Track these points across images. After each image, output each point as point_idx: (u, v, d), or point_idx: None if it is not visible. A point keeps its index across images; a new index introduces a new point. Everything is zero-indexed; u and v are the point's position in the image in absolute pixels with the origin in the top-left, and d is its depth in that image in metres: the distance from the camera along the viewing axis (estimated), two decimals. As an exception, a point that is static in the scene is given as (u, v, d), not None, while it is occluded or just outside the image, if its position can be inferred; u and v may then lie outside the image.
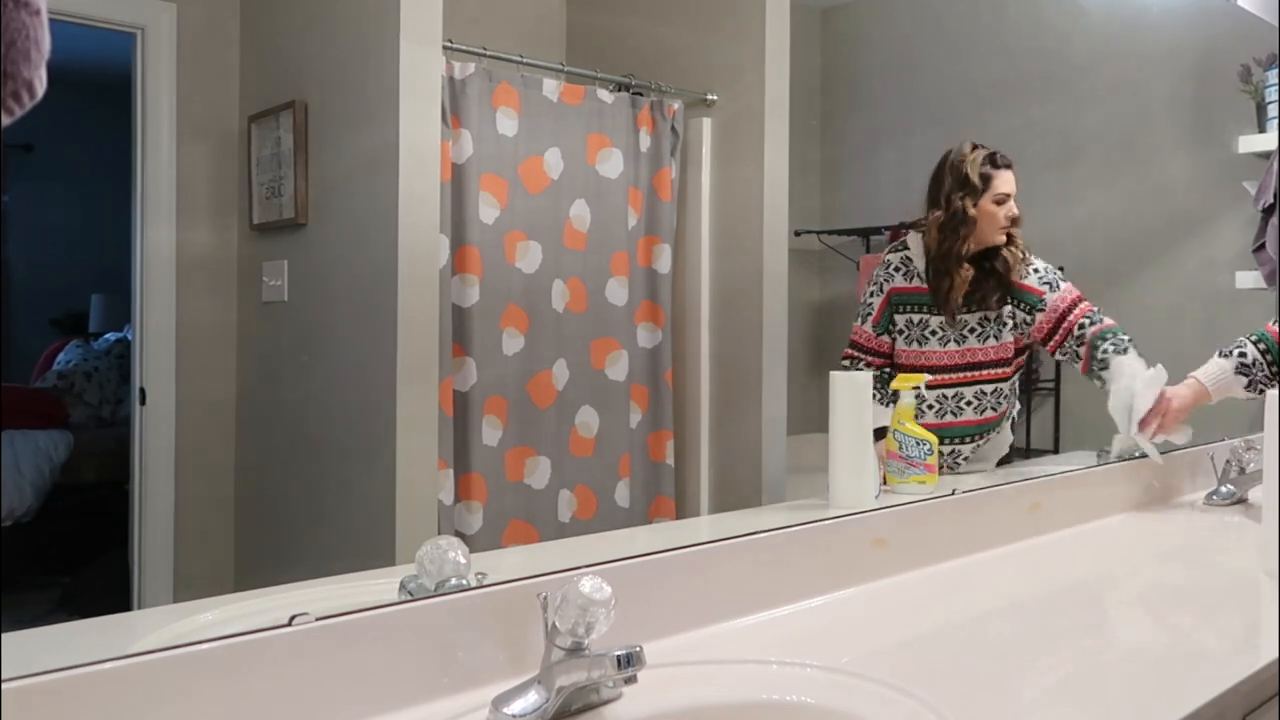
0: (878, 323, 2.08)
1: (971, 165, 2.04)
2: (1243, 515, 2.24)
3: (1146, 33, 2.94)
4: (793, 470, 2.10)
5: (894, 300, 2.08)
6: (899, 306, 2.08)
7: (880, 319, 2.08)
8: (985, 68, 2.54)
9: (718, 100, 2.21)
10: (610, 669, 0.99)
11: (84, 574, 1.78)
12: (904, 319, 2.08)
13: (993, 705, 1.15)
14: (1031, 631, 1.44)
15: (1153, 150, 2.94)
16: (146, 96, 1.64)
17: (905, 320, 2.08)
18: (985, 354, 2.10)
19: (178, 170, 1.67)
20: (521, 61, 2.03)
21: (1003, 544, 1.88)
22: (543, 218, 2.06)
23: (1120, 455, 2.20)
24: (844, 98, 2.49)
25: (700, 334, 2.22)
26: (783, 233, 2.15)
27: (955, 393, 2.09)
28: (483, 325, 1.96)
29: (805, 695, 1.15)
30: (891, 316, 2.08)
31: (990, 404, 2.12)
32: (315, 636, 1.01)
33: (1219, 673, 1.20)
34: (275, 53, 1.82)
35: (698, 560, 1.38)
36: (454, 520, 1.89)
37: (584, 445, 2.10)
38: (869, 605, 1.52)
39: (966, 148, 2.06)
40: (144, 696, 0.90)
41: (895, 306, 2.08)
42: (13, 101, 0.62)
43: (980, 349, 2.09)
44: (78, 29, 1.58)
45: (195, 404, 1.70)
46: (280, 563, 1.76)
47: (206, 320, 1.75)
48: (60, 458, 2.05)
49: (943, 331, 2.07)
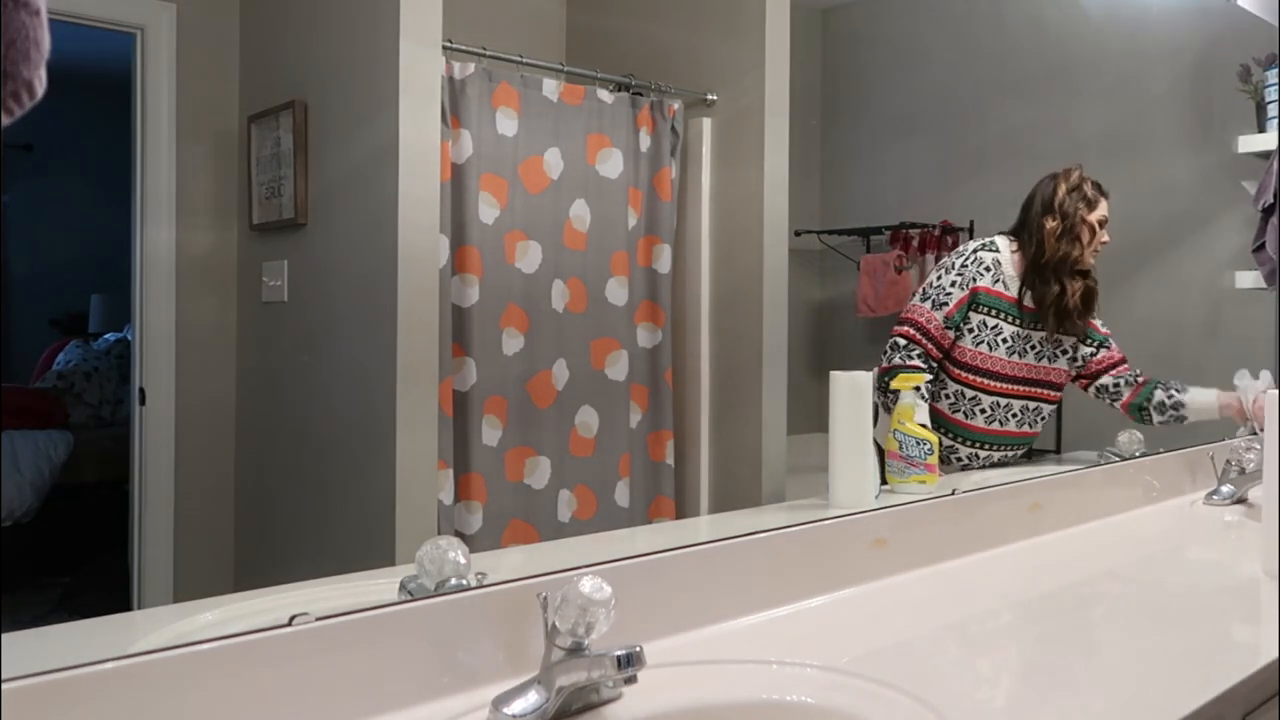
0: (951, 316, 2.08)
1: (1085, 181, 2.14)
2: (1243, 515, 2.24)
3: (1146, 33, 2.94)
4: (793, 470, 2.10)
5: (975, 299, 2.08)
6: (977, 306, 2.09)
7: (955, 313, 2.07)
8: (985, 67, 2.54)
9: (718, 100, 2.21)
10: (610, 669, 1.00)
11: (84, 574, 1.78)
12: (979, 319, 2.09)
13: (992, 705, 1.15)
14: (1031, 631, 1.44)
15: (1153, 150, 2.94)
16: (146, 96, 1.64)
17: (980, 321, 2.09)
18: (1042, 373, 2.17)
19: (178, 170, 1.66)
20: (521, 61, 2.03)
21: (1003, 544, 1.88)
22: (543, 218, 2.06)
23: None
24: (844, 98, 2.49)
25: (700, 334, 2.22)
26: (783, 233, 2.15)
27: (1007, 403, 2.13)
28: (483, 325, 1.96)
29: (805, 695, 1.15)
30: (966, 314, 2.08)
31: (1030, 421, 2.18)
32: (315, 636, 1.02)
33: (1219, 673, 1.20)
34: (275, 53, 1.82)
35: (698, 560, 1.38)
36: (454, 520, 1.89)
37: (584, 445, 2.10)
38: (869, 605, 1.52)
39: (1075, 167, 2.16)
40: (144, 696, 0.90)
41: (974, 305, 2.08)
42: (13, 101, 0.62)
43: (1039, 367, 2.15)
44: (78, 29, 1.58)
45: (195, 404, 1.70)
46: (280, 563, 1.76)
47: (206, 320, 1.75)
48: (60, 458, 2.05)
49: (1012, 342, 2.11)
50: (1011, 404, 2.13)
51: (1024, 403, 2.15)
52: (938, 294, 2.09)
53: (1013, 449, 2.19)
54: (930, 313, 2.08)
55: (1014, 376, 2.13)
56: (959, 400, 2.10)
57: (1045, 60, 2.62)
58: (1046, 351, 2.15)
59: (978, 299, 2.08)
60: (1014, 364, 2.12)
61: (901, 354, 2.05)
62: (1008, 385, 2.12)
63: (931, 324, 2.07)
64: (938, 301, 2.08)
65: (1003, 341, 2.09)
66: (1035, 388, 2.16)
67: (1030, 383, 2.15)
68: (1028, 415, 2.16)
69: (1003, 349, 2.09)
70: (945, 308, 2.07)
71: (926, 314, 2.08)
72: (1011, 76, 2.55)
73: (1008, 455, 2.19)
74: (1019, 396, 2.14)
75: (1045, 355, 2.15)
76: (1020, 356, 2.12)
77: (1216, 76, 2.99)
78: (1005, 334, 2.10)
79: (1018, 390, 2.14)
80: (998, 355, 2.10)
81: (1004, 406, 2.12)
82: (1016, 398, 2.14)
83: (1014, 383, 2.13)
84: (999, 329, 2.09)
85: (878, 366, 2.05)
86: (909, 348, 2.05)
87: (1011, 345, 2.10)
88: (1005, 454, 2.18)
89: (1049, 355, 2.16)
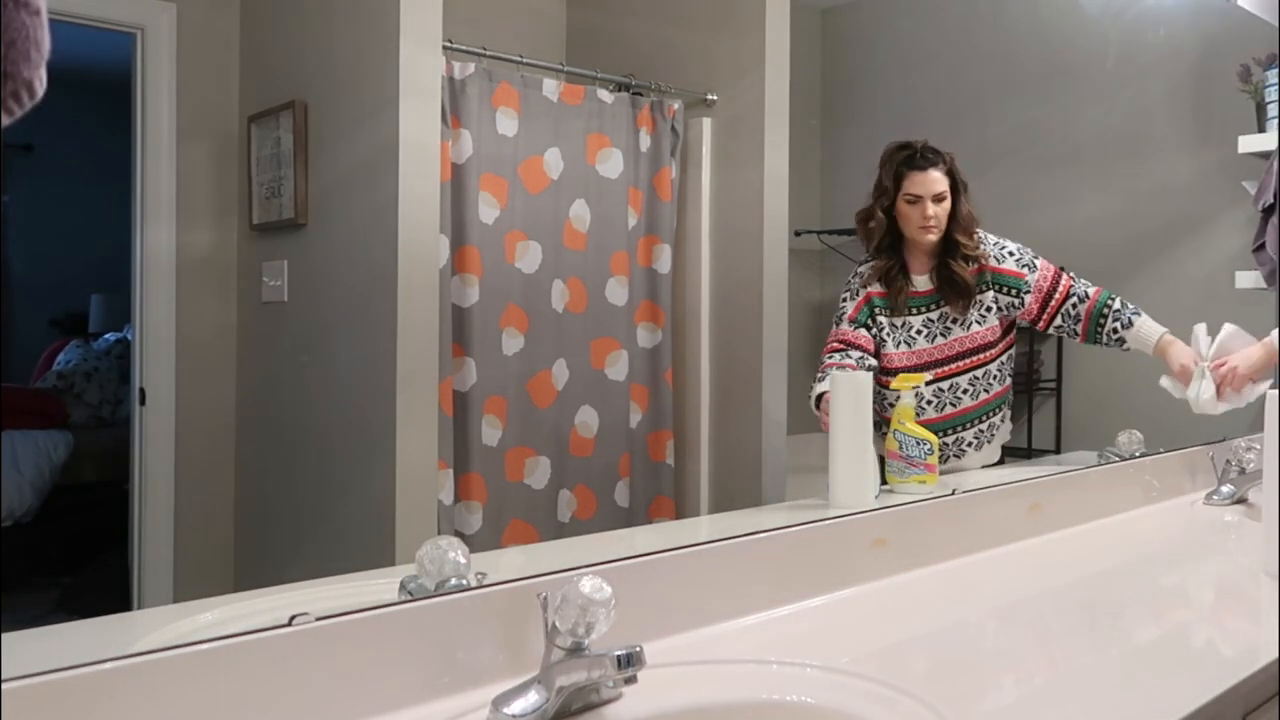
0: (855, 318, 2.07)
1: (887, 164, 2.06)
2: (1243, 515, 2.24)
3: (1146, 33, 2.94)
4: (793, 470, 2.10)
5: (871, 304, 2.07)
6: (876, 312, 2.08)
7: (857, 315, 2.07)
8: (985, 68, 2.54)
9: (718, 100, 2.21)
10: (610, 669, 0.99)
11: (84, 574, 1.78)
12: (886, 321, 2.08)
13: (992, 705, 1.15)
14: (1031, 631, 1.44)
15: (1153, 150, 2.94)
16: (146, 96, 1.64)
17: (889, 323, 2.08)
18: (972, 340, 2.11)
19: (178, 170, 1.66)
20: (521, 61, 2.03)
21: (1003, 544, 1.88)
22: (543, 218, 2.06)
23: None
24: (844, 98, 2.49)
25: (700, 334, 2.22)
26: (783, 233, 2.15)
27: (950, 384, 2.10)
28: (483, 325, 1.96)
29: (805, 695, 1.15)
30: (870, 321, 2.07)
31: (984, 386, 2.14)
32: (315, 636, 1.01)
33: (1219, 673, 1.20)
34: (275, 53, 1.82)
35: (698, 560, 1.38)
36: (454, 520, 1.89)
37: (584, 445, 2.10)
38: (869, 605, 1.52)
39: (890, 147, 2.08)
40: (144, 696, 0.90)
41: (873, 311, 2.08)
42: (13, 101, 0.62)
43: (966, 336, 2.10)
44: (78, 29, 1.58)
45: (195, 404, 1.70)
46: (280, 563, 1.76)
47: (206, 320, 1.75)
48: (60, 458, 2.05)
49: (925, 328, 2.08)
50: (956, 382, 2.11)
51: (969, 375, 2.12)
52: (839, 314, 2.09)
53: (982, 419, 2.16)
54: (838, 330, 2.07)
55: (944, 359, 2.10)
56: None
57: (1045, 60, 2.62)
58: (970, 318, 2.11)
59: (873, 303, 2.07)
60: (939, 348, 2.09)
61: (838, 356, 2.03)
62: (941, 369, 2.10)
63: (845, 335, 2.06)
64: (839, 318, 2.08)
65: (918, 334, 2.09)
66: (970, 357, 2.12)
67: (961, 356, 2.11)
68: (978, 384, 2.13)
69: (921, 339, 2.08)
70: (845, 314, 2.07)
71: (836, 332, 2.07)
72: (1011, 77, 2.55)
73: (982, 427, 2.16)
74: (960, 373, 2.11)
75: (967, 322, 2.10)
76: (943, 337, 2.09)
77: (1216, 76, 2.99)
78: (914, 325, 2.09)
79: (953, 369, 2.11)
80: (920, 347, 2.08)
81: (949, 389, 2.10)
82: (959, 374, 2.11)
83: (946, 363, 2.10)
84: (907, 324, 2.09)
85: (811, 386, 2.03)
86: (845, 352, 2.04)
87: (927, 331, 2.09)
88: (979, 427, 2.15)
89: (974, 320, 2.11)
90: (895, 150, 2.06)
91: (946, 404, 2.10)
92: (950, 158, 2.06)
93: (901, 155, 2.05)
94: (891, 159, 2.05)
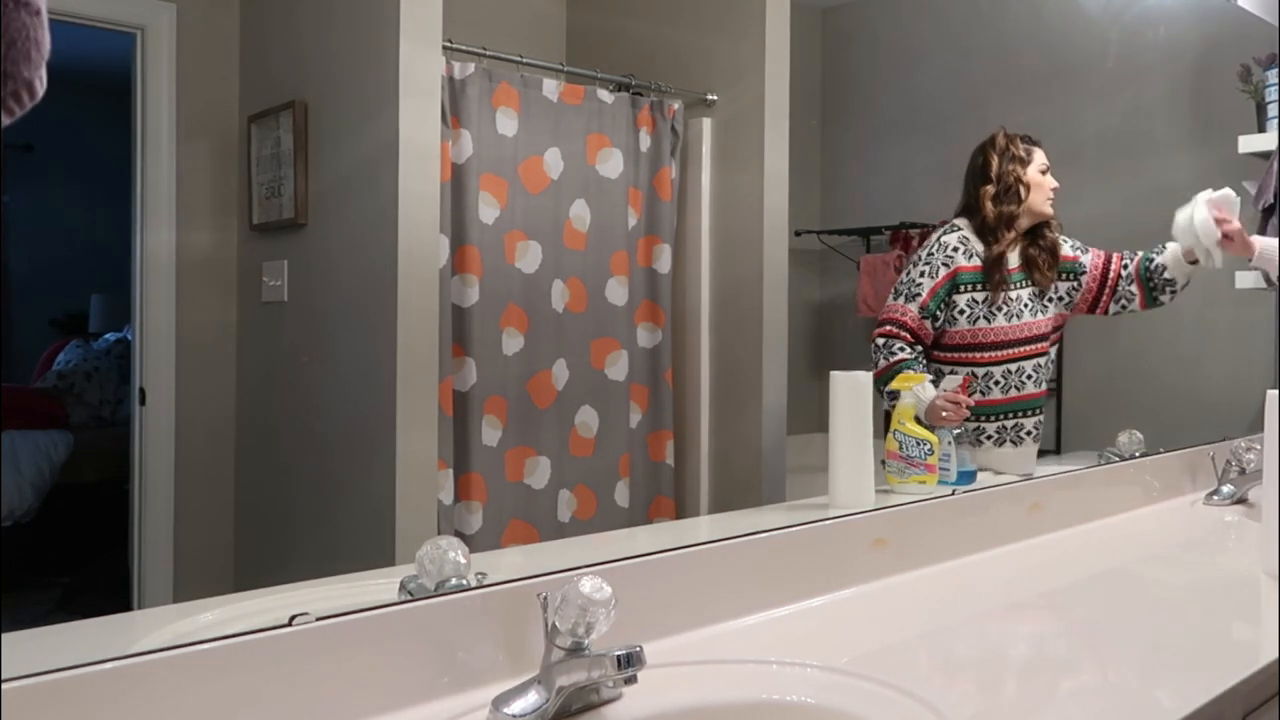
0: (926, 305, 2.09)
1: (1012, 141, 2.16)
2: (1243, 515, 2.24)
3: (1146, 32, 2.94)
4: (793, 470, 2.10)
5: (956, 280, 2.10)
6: (960, 287, 2.11)
7: (929, 302, 2.08)
8: (985, 67, 2.54)
9: (718, 100, 2.21)
10: (610, 669, 1.00)
11: (84, 574, 1.78)
12: (966, 298, 2.11)
13: (992, 705, 1.15)
14: (1031, 631, 1.44)
15: (1153, 150, 2.94)
16: (146, 96, 1.64)
17: (968, 299, 2.11)
18: (1039, 327, 2.18)
19: (178, 170, 1.66)
20: (521, 61, 2.03)
21: (1003, 544, 1.89)
22: (543, 218, 2.06)
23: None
24: (844, 98, 2.49)
25: (700, 334, 2.22)
26: (783, 233, 2.15)
27: (1018, 367, 2.15)
28: (483, 325, 1.96)
29: (805, 695, 1.15)
30: (948, 298, 2.10)
31: (1045, 376, 2.20)
32: (315, 636, 1.02)
33: (1219, 673, 1.20)
34: (275, 53, 1.82)
35: (698, 560, 1.38)
36: (454, 520, 1.89)
37: (584, 445, 2.10)
38: (869, 605, 1.52)
39: (999, 131, 2.18)
40: (144, 696, 0.90)
41: (956, 287, 2.10)
42: (13, 101, 0.62)
43: (1034, 323, 2.17)
44: (78, 29, 1.58)
45: (195, 404, 1.70)
46: (280, 563, 1.76)
47: (206, 320, 1.75)
48: (60, 458, 2.05)
49: (1007, 307, 2.13)
50: (1023, 366, 2.15)
51: (1035, 361, 2.17)
52: (909, 288, 2.11)
53: (1035, 411, 2.19)
54: (904, 306, 2.10)
55: (1018, 340, 2.14)
56: (971, 382, 2.11)
57: (1045, 60, 2.62)
58: (1036, 306, 2.17)
59: (959, 279, 2.10)
60: (1014, 328, 2.14)
61: (883, 353, 2.07)
62: (1014, 350, 2.14)
63: (907, 316, 2.09)
64: (910, 295, 2.11)
65: (997, 310, 2.10)
66: (1038, 344, 2.18)
67: (1032, 340, 2.17)
68: (1040, 372, 2.19)
69: (1000, 317, 2.11)
70: (919, 298, 2.09)
71: (900, 309, 2.10)
72: (1011, 76, 2.55)
73: (1040, 419, 2.20)
74: (1028, 357, 2.16)
75: (1036, 310, 2.17)
76: (1018, 319, 2.14)
77: (1216, 76, 2.99)
78: (997, 301, 2.11)
79: (1024, 351, 2.16)
80: (997, 325, 2.12)
81: (1016, 371, 2.14)
82: (1027, 359, 2.16)
83: (1019, 345, 2.15)
84: (989, 299, 2.11)
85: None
86: (888, 344, 2.08)
87: (1008, 310, 2.12)
88: (1038, 418, 2.20)
89: (1038, 309, 2.18)
90: (1003, 132, 2.17)
91: (1012, 386, 2.14)
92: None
93: (1016, 134, 2.17)
94: (1008, 138, 2.16)
